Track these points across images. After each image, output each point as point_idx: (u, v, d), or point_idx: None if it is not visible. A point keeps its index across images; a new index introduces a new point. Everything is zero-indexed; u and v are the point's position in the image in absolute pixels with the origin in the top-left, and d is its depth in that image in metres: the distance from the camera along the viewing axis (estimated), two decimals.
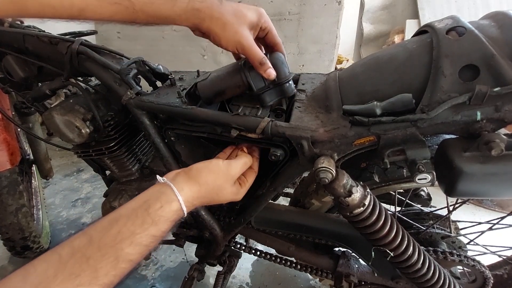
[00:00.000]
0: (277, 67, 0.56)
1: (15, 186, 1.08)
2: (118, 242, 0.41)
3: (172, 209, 0.47)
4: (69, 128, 0.74)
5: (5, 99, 1.06)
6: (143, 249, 0.43)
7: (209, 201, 0.54)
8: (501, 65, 0.43)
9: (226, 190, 0.55)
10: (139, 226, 0.43)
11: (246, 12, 0.54)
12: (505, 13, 0.48)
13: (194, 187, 0.51)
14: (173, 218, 0.47)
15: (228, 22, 0.52)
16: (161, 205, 0.46)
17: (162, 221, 0.45)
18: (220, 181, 0.54)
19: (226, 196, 0.56)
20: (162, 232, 0.45)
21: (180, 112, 0.63)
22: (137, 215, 0.44)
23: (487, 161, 0.44)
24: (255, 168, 0.63)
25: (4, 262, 1.33)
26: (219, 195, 0.54)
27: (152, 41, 1.83)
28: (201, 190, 0.51)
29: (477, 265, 0.72)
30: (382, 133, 0.50)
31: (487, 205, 1.63)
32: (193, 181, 0.51)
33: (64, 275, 0.36)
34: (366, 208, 0.54)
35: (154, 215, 0.45)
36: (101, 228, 0.42)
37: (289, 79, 0.58)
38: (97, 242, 0.40)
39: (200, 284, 1.24)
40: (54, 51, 0.71)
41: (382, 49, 0.69)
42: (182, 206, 0.48)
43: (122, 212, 0.45)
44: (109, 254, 0.39)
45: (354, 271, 0.82)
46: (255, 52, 0.54)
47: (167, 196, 0.48)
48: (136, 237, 0.42)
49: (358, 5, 2.65)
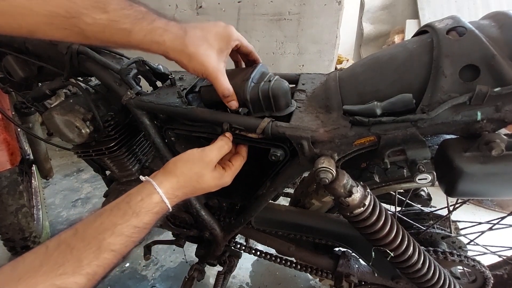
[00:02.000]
0: (277, 100, 0.56)
1: (15, 186, 1.08)
2: (101, 232, 0.43)
3: (153, 201, 0.48)
4: (69, 128, 0.74)
5: (5, 99, 1.06)
6: (126, 240, 0.44)
7: (192, 190, 0.54)
8: (501, 65, 0.43)
9: (206, 176, 0.54)
10: (120, 217, 0.45)
11: (213, 38, 0.54)
12: (505, 13, 0.48)
13: (173, 179, 0.52)
14: (156, 210, 0.48)
15: (193, 54, 0.51)
16: (142, 198, 0.48)
17: (143, 212, 0.46)
18: (197, 169, 0.54)
19: (209, 182, 0.55)
20: (144, 223, 0.47)
21: (180, 112, 0.63)
22: (119, 207, 0.46)
23: (487, 161, 0.44)
24: (242, 153, 0.63)
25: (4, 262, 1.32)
26: (200, 182, 0.54)
27: None
28: (180, 180, 0.52)
29: (477, 265, 0.72)
30: (382, 133, 0.50)
31: (487, 205, 1.63)
32: (170, 173, 0.52)
33: (48, 264, 0.38)
34: (366, 208, 0.54)
35: (135, 207, 0.46)
36: (86, 222, 0.44)
37: (289, 110, 0.58)
38: (81, 233, 0.42)
39: (200, 284, 1.24)
40: (54, 51, 0.71)
41: (382, 49, 0.69)
42: (163, 198, 0.49)
43: (106, 208, 0.47)
44: (91, 244, 0.41)
45: (354, 271, 0.82)
46: (220, 84, 0.54)
47: (147, 189, 0.49)
48: (117, 227, 0.44)
49: (358, 5, 2.65)
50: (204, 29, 0.54)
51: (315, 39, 1.57)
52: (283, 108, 0.57)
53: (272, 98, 0.55)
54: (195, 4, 1.60)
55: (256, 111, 0.58)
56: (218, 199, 0.87)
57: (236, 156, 0.62)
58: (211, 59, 0.53)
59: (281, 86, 0.55)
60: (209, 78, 0.54)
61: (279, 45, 1.60)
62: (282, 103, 0.56)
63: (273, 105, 0.56)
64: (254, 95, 0.56)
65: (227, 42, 0.56)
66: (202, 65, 0.52)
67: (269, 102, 0.56)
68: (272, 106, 0.57)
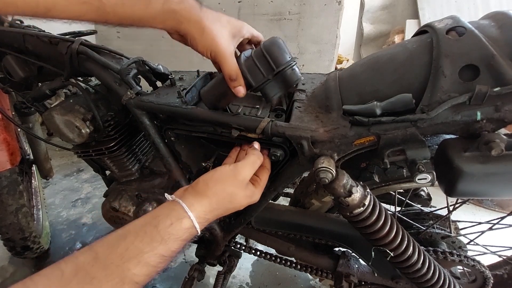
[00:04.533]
0: (273, 54, 0.51)
1: (15, 186, 1.08)
2: (125, 261, 0.38)
3: (184, 227, 0.44)
4: (69, 128, 0.74)
5: (5, 99, 1.06)
6: (151, 270, 0.40)
7: (223, 211, 0.51)
8: (501, 65, 0.43)
9: (239, 195, 0.51)
10: (147, 244, 0.40)
11: (226, 22, 0.52)
12: (505, 13, 0.48)
13: (204, 201, 0.48)
14: (185, 237, 0.44)
15: (207, 27, 0.49)
16: (171, 222, 0.43)
17: (172, 240, 0.42)
18: (230, 188, 0.50)
19: (240, 201, 0.52)
20: (171, 252, 0.42)
21: (180, 112, 0.63)
22: (146, 232, 0.42)
23: (487, 161, 0.44)
24: (267, 165, 0.59)
25: (4, 263, 1.33)
26: (233, 202, 0.51)
27: (152, 41, 1.83)
28: (212, 202, 0.48)
29: (477, 265, 0.72)
30: (382, 133, 0.50)
31: (487, 205, 1.63)
32: (202, 195, 0.48)
33: None
34: (366, 208, 0.54)
35: (164, 233, 0.42)
36: (108, 245, 0.40)
37: (290, 64, 0.53)
38: (103, 260, 0.38)
39: (200, 284, 1.23)
40: (54, 51, 0.71)
41: (382, 49, 0.69)
42: (194, 223, 0.45)
43: (130, 229, 0.42)
44: (114, 275, 0.37)
45: (354, 271, 0.82)
46: (228, 65, 0.51)
47: (178, 213, 0.45)
48: (144, 256, 0.39)
49: (358, 5, 2.65)
50: (218, 13, 0.52)
51: (315, 39, 1.57)
52: (282, 62, 0.52)
53: (267, 55, 0.51)
54: None
55: (258, 81, 0.53)
56: None
57: (261, 169, 0.58)
58: (223, 38, 0.51)
59: (272, 39, 0.53)
60: (218, 57, 0.51)
61: None
62: (280, 56, 0.52)
63: (271, 62, 0.52)
64: (250, 63, 0.53)
65: (239, 30, 0.54)
66: (214, 40, 0.50)
67: (266, 61, 0.52)
68: (270, 63, 0.52)
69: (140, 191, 0.89)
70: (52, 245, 1.41)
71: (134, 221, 0.44)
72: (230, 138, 0.62)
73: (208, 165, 0.72)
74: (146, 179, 0.91)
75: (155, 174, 0.91)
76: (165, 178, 0.90)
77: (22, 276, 1.27)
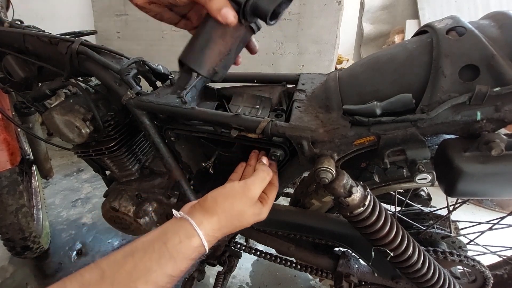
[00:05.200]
0: None
1: (15, 186, 1.08)
2: (133, 280, 0.37)
3: (193, 245, 0.43)
4: (69, 128, 0.74)
5: (5, 99, 1.06)
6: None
7: (231, 229, 0.49)
8: (501, 65, 0.43)
9: (247, 213, 0.50)
10: (156, 262, 0.39)
11: None
12: (505, 13, 0.48)
13: (213, 219, 0.46)
14: (193, 256, 0.43)
15: None
16: (180, 240, 0.42)
17: (180, 258, 0.41)
18: (239, 206, 0.49)
19: (248, 219, 0.50)
20: (180, 271, 0.41)
21: (180, 112, 0.63)
22: (154, 249, 0.40)
23: (487, 161, 0.44)
24: (275, 182, 0.57)
25: (4, 263, 1.33)
26: (241, 220, 0.49)
27: (152, 41, 1.83)
28: (221, 220, 0.47)
29: (477, 265, 0.72)
30: (382, 133, 0.50)
31: (487, 205, 1.63)
32: (211, 212, 0.47)
33: None
34: (366, 208, 0.54)
35: (173, 250, 0.40)
36: (115, 263, 0.39)
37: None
38: (110, 278, 0.36)
39: (200, 284, 1.23)
40: (54, 51, 0.71)
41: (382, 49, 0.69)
42: (203, 241, 0.44)
43: (137, 246, 0.41)
44: None
45: (354, 271, 0.82)
46: None
47: (186, 230, 0.44)
48: (152, 275, 0.38)
49: (358, 5, 2.65)
50: None
51: (315, 39, 1.57)
52: None
53: None
54: None
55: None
56: None
57: (270, 186, 0.56)
58: None
59: None
60: None
61: (279, 45, 1.60)
62: None
63: None
64: None
65: None
66: None
67: None
68: None
69: (140, 191, 0.89)
70: (52, 245, 1.41)
71: (140, 237, 0.43)
72: (230, 138, 0.62)
73: (208, 165, 0.72)
74: (146, 179, 0.91)
75: (155, 174, 0.91)
76: (165, 178, 0.90)
77: (22, 276, 1.27)
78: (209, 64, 0.46)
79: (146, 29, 1.81)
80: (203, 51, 0.45)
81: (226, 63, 0.48)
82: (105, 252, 1.37)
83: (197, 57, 0.45)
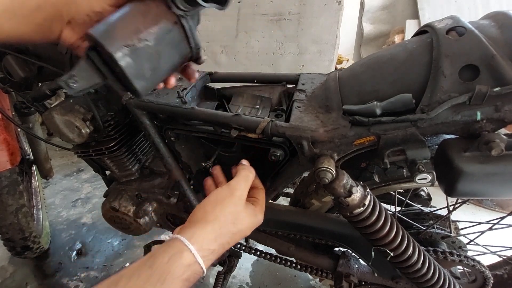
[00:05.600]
0: None
1: (15, 186, 1.08)
2: None
3: (184, 263, 0.38)
4: (69, 128, 0.74)
5: (5, 99, 1.06)
6: None
7: (229, 238, 0.45)
8: (501, 65, 0.43)
9: (241, 215, 0.47)
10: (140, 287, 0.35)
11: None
12: (505, 13, 0.48)
13: (206, 228, 0.42)
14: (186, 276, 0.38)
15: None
16: (169, 258, 0.37)
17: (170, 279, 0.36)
18: (230, 207, 0.46)
19: (244, 221, 0.47)
20: None
21: (180, 112, 0.63)
22: (140, 274, 0.36)
23: (487, 161, 0.44)
24: (259, 185, 0.56)
25: (4, 263, 1.33)
26: (237, 223, 0.46)
27: None
28: (215, 227, 0.43)
29: (477, 265, 0.72)
30: (382, 133, 0.50)
31: (487, 205, 1.63)
32: (202, 221, 0.43)
33: None
34: (366, 208, 0.54)
35: (160, 271, 0.36)
36: None
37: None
38: None
39: (200, 284, 1.24)
40: (54, 51, 0.71)
41: (382, 49, 0.69)
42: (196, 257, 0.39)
43: (123, 273, 0.37)
44: None
45: (354, 271, 0.82)
46: None
47: (176, 247, 0.39)
48: None
49: (358, 5, 2.65)
50: None
51: (315, 39, 1.57)
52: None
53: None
54: None
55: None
56: None
57: (256, 190, 0.55)
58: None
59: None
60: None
61: (279, 45, 1.60)
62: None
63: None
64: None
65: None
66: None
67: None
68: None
69: (140, 191, 0.89)
70: (52, 245, 1.41)
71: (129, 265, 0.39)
72: (230, 138, 0.62)
73: (208, 165, 0.72)
74: (146, 179, 0.91)
75: (155, 174, 0.91)
76: (165, 178, 0.90)
77: (22, 276, 1.27)
78: (121, 39, 0.35)
79: None
80: (115, 22, 0.36)
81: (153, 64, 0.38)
82: (105, 252, 1.37)
83: (107, 28, 0.36)
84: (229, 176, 0.56)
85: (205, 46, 1.66)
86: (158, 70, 0.40)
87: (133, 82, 0.38)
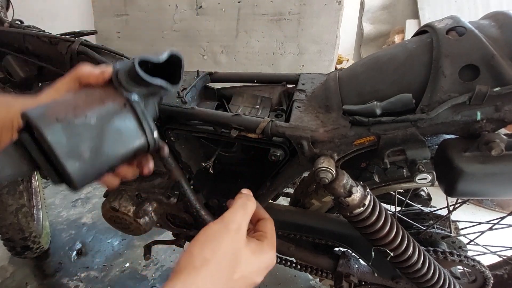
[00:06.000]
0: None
1: (15, 186, 1.08)
2: None
3: None
4: None
5: None
6: None
7: (231, 286, 0.36)
8: (501, 65, 0.43)
9: (242, 252, 0.37)
10: None
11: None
12: (505, 13, 0.48)
13: (193, 277, 0.32)
14: None
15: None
16: None
17: None
18: (226, 244, 0.36)
19: (249, 262, 0.38)
20: None
21: (180, 112, 0.63)
22: None
23: (487, 161, 0.44)
24: (265, 215, 0.48)
25: (4, 262, 1.33)
26: (238, 266, 0.36)
27: (152, 41, 1.83)
28: (204, 274, 0.33)
29: (477, 265, 0.72)
30: (382, 133, 0.50)
31: (487, 205, 1.63)
32: (186, 271, 0.33)
33: None
34: (366, 208, 0.54)
35: None
36: None
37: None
38: None
39: None
40: (54, 51, 0.71)
41: (382, 49, 0.69)
42: None
43: None
44: None
45: (354, 271, 0.82)
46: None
47: None
48: None
49: (358, 5, 2.65)
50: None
51: (315, 39, 1.57)
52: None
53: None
54: (195, 4, 1.60)
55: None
56: (218, 199, 0.87)
57: (261, 222, 0.46)
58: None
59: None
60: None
61: (279, 45, 1.60)
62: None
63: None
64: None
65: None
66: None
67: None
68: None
69: (140, 191, 0.89)
70: (52, 245, 1.41)
71: None
72: (230, 138, 0.62)
73: (208, 165, 0.72)
74: (146, 179, 0.91)
75: (155, 174, 0.91)
76: (165, 178, 0.90)
77: (22, 276, 1.27)
78: (54, 114, 0.32)
79: (146, 29, 1.81)
80: (54, 102, 0.35)
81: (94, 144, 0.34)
82: (105, 252, 1.37)
83: (44, 107, 0.33)
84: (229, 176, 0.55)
85: (206, 46, 1.67)
86: (101, 153, 0.34)
87: (63, 161, 0.32)
